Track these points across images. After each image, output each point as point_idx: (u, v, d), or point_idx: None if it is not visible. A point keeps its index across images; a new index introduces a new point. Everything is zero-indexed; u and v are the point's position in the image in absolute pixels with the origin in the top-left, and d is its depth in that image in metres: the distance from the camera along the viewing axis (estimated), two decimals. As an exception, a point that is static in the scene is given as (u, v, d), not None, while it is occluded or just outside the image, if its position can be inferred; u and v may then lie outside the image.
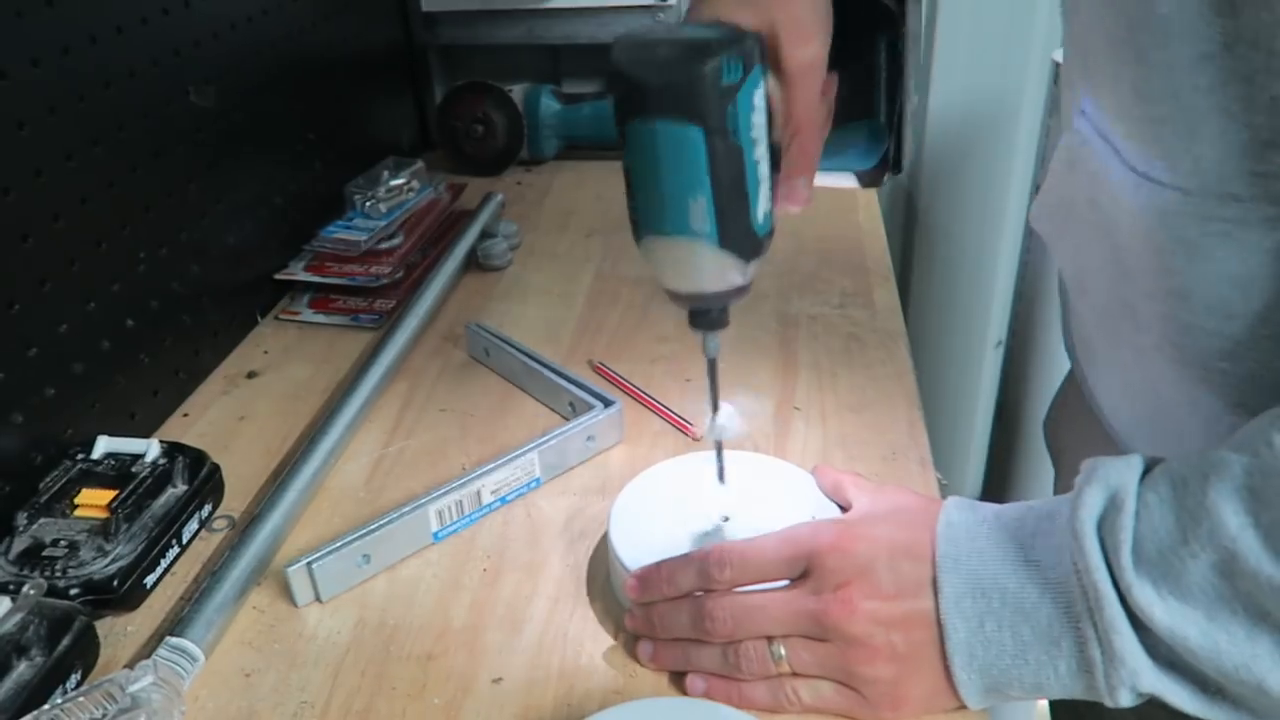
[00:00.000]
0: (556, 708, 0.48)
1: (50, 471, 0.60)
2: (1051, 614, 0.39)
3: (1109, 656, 0.38)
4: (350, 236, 0.85)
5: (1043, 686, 0.40)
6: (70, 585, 0.53)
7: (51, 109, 0.60)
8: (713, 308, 0.47)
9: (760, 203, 0.44)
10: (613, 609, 0.53)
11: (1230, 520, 0.35)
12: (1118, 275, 0.48)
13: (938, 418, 1.33)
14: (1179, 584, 0.36)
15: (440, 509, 0.58)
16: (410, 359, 0.77)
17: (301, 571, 0.53)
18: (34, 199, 0.59)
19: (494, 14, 1.15)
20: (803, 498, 0.54)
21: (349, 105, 0.99)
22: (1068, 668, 0.39)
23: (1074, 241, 0.54)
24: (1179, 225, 0.42)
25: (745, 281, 0.45)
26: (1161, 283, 0.44)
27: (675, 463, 0.58)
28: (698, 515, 0.53)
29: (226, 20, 0.78)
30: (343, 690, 0.49)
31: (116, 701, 0.45)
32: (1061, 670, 0.39)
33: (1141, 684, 0.38)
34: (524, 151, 1.10)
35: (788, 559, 0.46)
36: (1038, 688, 0.40)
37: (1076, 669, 0.39)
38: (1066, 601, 0.39)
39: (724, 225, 0.42)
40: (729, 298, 0.46)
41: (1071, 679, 0.39)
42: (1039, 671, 0.40)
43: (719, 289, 0.45)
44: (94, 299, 0.64)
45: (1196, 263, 0.42)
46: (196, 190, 0.75)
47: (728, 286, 0.45)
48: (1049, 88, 1.14)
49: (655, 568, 0.49)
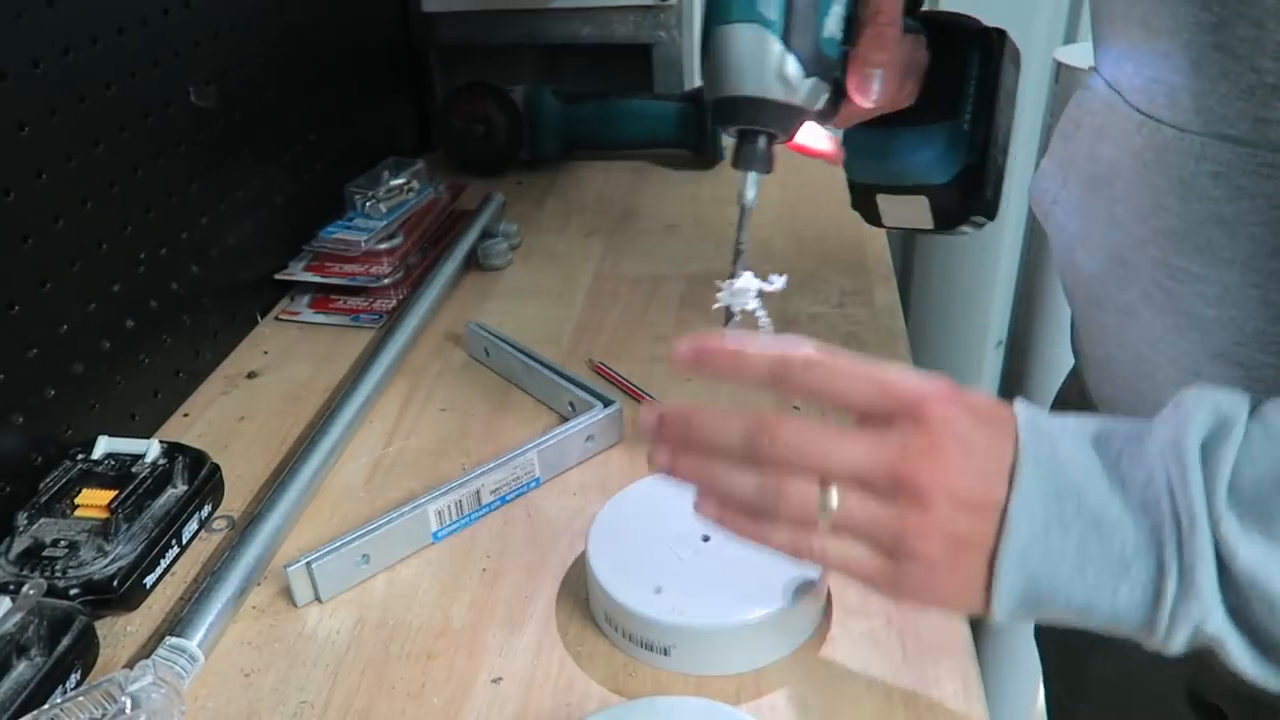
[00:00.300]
0: (556, 708, 0.48)
1: (50, 472, 0.60)
2: (1131, 535, 0.36)
3: (1185, 589, 0.34)
4: (350, 236, 0.86)
5: (1090, 610, 0.37)
6: (70, 585, 0.53)
7: (52, 110, 0.60)
8: (763, 129, 0.47)
9: (830, 21, 0.46)
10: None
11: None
12: (1110, 227, 0.48)
13: (938, 418, 1.33)
14: (1271, 526, 0.33)
15: (440, 509, 0.58)
16: (410, 359, 0.77)
17: (301, 571, 0.54)
18: (35, 199, 0.59)
19: (495, 14, 1.15)
20: None
21: (350, 105, 0.99)
22: (1130, 595, 0.36)
23: (1069, 205, 0.53)
24: (1175, 164, 0.42)
25: (800, 101, 0.46)
26: (1153, 223, 0.44)
27: (655, 481, 0.57)
28: (677, 535, 0.53)
29: (227, 21, 0.78)
30: (342, 690, 0.49)
31: (116, 701, 0.45)
32: (1122, 596, 0.36)
33: (1209, 626, 0.34)
34: (524, 152, 1.10)
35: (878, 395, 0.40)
36: (1084, 610, 0.37)
37: (1141, 598, 0.35)
38: (1152, 525, 0.35)
39: (791, 20, 0.44)
40: (781, 118, 0.46)
41: (1129, 607, 0.36)
42: (1094, 593, 0.36)
43: (775, 96, 0.45)
44: (94, 299, 0.64)
45: (1189, 202, 0.42)
46: (197, 190, 0.75)
47: (784, 97, 0.45)
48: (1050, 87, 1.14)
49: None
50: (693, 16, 1.15)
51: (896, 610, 0.52)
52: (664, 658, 0.49)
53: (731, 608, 0.48)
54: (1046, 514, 0.37)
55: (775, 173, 0.49)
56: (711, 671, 0.49)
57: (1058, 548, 0.36)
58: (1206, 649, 0.36)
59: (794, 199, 0.99)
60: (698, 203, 1.02)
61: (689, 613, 0.48)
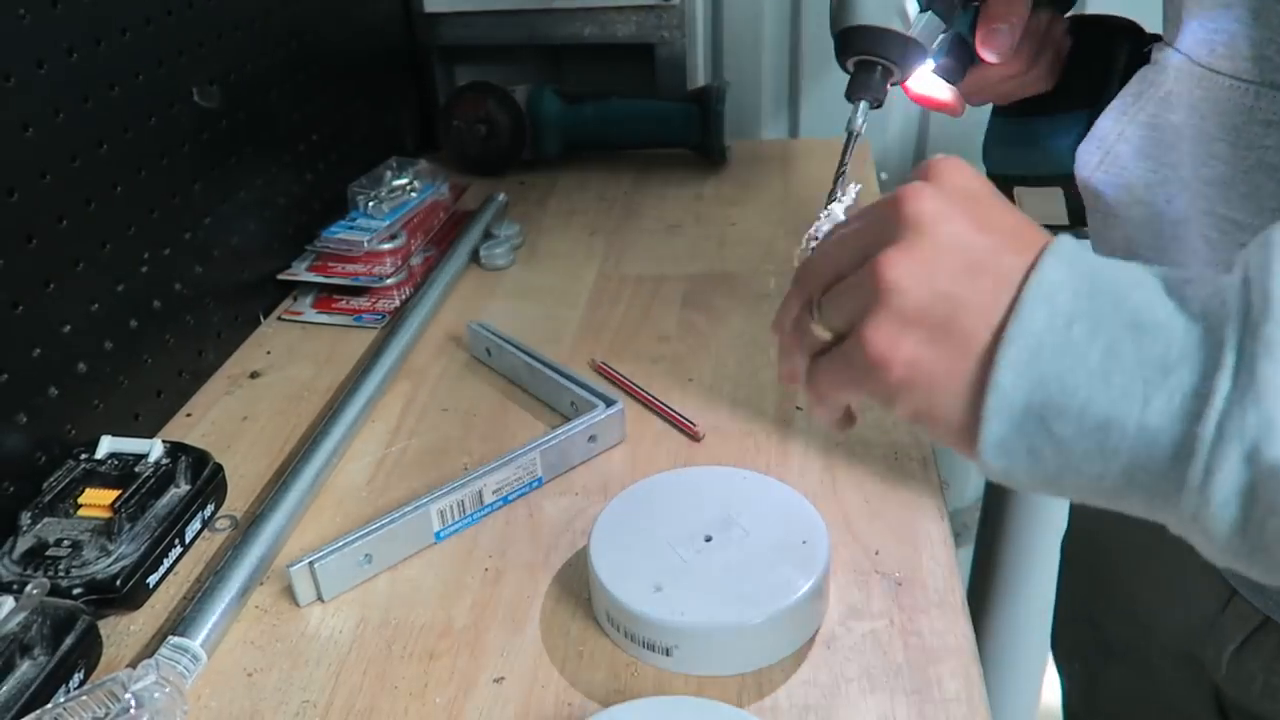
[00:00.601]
0: (558, 707, 0.48)
1: (54, 471, 0.60)
2: (1179, 338, 0.28)
3: (1242, 386, 0.27)
4: (353, 236, 0.86)
5: (1109, 427, 0.29)
6: (73, 585, 0.53)
7: (57, 110, 0.60)
8: (880, 59, 0.50)
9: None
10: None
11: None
12: (1156, 180, 0.48)
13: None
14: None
15: (442, 508, 0.58)
16: (412, 359, 0.77)
17: (304, 571, 0.54)
18: (39, 200, 0.59)
19: (497, 14, 1.15)
20: (792, 518, 0.53)
21: (352, 106, 0.99)
22: (1167, 404, 0.28)
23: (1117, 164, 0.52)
24: (1229, 113, 0.42)
25: (917, 34, 0.49)
26: (1202, 172, 0.44)
27: (658, 480, 0.57)
28: (679, 535, 0.53)
29: (230, 21, 0.78)
30: (345, 689, 0.50)
31: (119, 701, 0.45)
32: (1155, 407, 0.28)
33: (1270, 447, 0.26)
34: (526, 152, 1.10)
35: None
36: (1102, 425, 0.29)
37: (1179, 408, 0.28)
38: (1210, 325, 0.28)
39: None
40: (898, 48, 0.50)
41: (1162, 422, 0.28)
42: (1119, 402, 0.29)
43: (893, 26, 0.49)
44: (98, 299, 0.65)
45: (1239, 150, 0.42)
46: (200, 191, 0.75)
47: (901, 28, 0.49)
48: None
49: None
50: (695, 16, 1.15)
51: (899, 611, 0.52)
52: (666, 658, 0.49)
53: (733, 608, 0.48)
54: (1071, 307, 0.30)
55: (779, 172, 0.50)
56: (713, 672, 0.49)
57: (1079, 346, 0.29)
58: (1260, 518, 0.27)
59: (798, 198, 0.99)
60: (700, 203, 1.02)
61: (691, 613, 0.48)
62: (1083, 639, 0.71)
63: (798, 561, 0.50)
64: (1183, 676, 0.59)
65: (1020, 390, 0.30)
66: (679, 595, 0.49)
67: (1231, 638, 0.52)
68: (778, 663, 0.49)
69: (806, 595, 0.49)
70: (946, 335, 0.32)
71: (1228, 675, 0.53)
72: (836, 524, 0.57)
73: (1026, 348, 0.30)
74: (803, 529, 0.52)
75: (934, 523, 0.57)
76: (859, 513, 0.58)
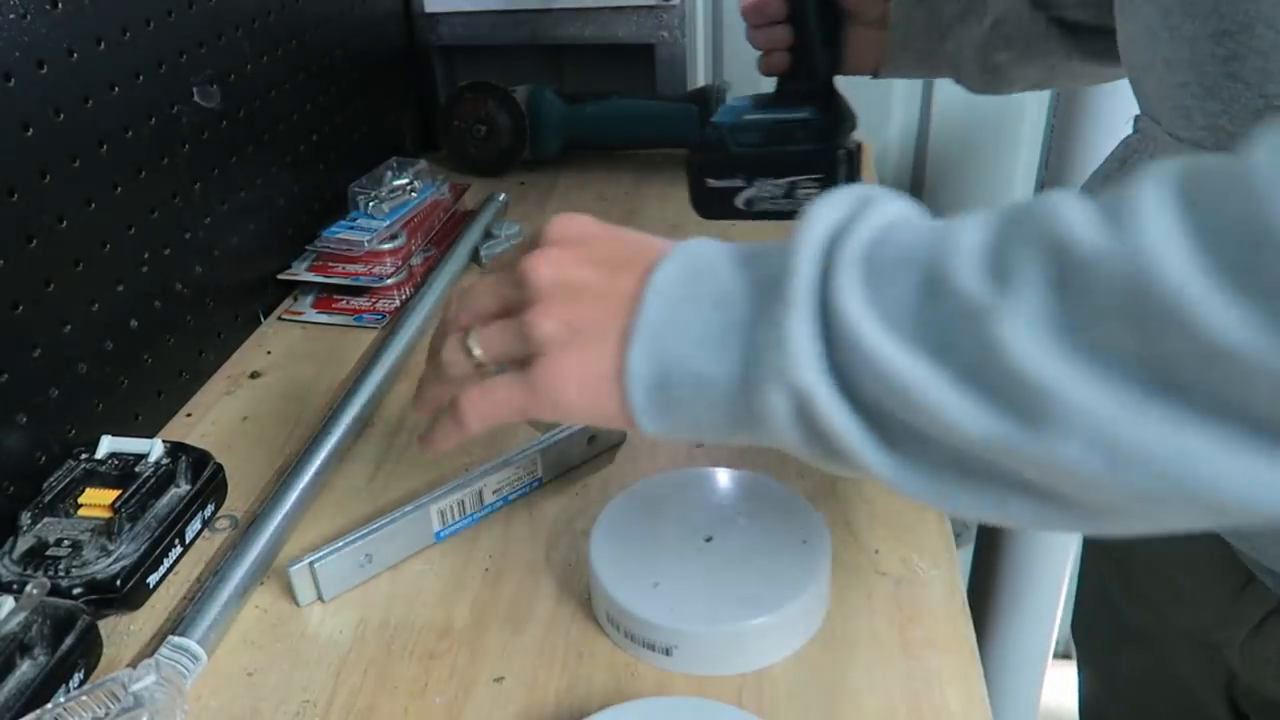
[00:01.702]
0: (558, 707, 0.48)
1: (54, 471, 0.60)
2: (745, 302, 0.36)
3: (772, 337, 0.34)
4: (353, 236, 0.86)
5: (702, 378, 0.36)
6: (74, 585, 0.53)
7: (57, 110, 0.60)
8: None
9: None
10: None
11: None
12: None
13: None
14: (881, 288, 0.33)
15: (442, 509, 0.58)
16: (413, 358, 0.77)
17: (304, 571, 0.54)
18: (39, 200, 0.59)
19: (497, 14, 1.15)
20: (790, 517, 0.53)
21: (352, 106, 0.99)
22: (732, 357, 0.35)
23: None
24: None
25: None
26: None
27: (658, 480, 0.57)
28: (679, 535, 0.53)
29: (230, 21, 0.78)
30: (345, 689, 0.50)
31: (119, 700, 0.45)
32: (725, 360, 0.35)
33: (794, 376, 0.33)
34: (527, 152, 1.10)
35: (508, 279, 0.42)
36: (698, 379, 0.36)
37: (738, 358, 0.35)
38: (760, 289, 0.36)
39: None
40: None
41: (731, 370, 0.35)
42: (705, 362, 0.36)
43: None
44: (98, 299, 0.65)
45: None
46: (200, 191, 0.75)
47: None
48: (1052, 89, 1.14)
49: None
50: (695, 16, 1.15)
51: (899, 611, 0.52)
52: (666, 658, 0.49)
53: (734, 608, 0.48)
54: (680, 293, 0.37)
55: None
56: (713, 672, 0.49)
57: (684, 322, 0.37)
58: (829, 433, 0.34)
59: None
60: (700, 203, 1.02)
61: (691, 613, 0.48)
62: (1101, 622, 0.71)
63: (798, 561, 0.50)
64: (1198, 660, 0.59)
65: (646, 372, 0.37)
66: (679, 595, 0.49)
67: (1248, 621, 0.52)
68: (778, 663, 0.49)
69: (806, 595, 0.49)
70: (589, 332, 0.39)
71: (1242, 659, 0.54)
72: (836, 524, 0.57)
73: (648, 334, 0.37)
74: (803, 529, 0.52)
75: (934, 523, 0.57)
76: (859, 513, 0.58)
